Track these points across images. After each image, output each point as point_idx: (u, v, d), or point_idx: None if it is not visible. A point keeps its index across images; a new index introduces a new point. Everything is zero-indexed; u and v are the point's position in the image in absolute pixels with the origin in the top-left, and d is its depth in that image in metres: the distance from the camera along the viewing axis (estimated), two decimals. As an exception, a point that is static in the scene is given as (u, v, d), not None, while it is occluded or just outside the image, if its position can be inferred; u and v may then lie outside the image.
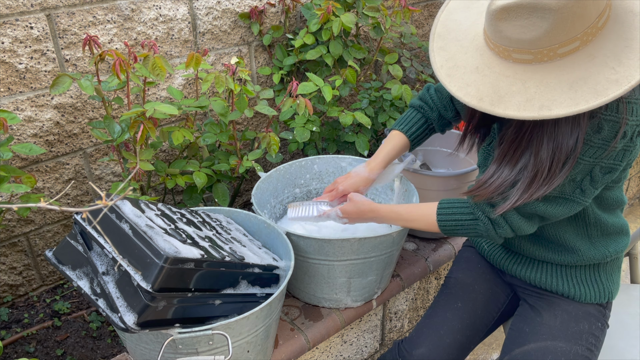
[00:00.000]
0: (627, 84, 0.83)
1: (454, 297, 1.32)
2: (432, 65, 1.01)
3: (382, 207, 1.26)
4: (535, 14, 0.83)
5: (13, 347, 1.44)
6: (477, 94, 0.93)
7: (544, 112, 0.86)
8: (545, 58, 0.88)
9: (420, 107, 1.35)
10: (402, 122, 1.37)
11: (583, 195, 1.03)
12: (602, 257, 1.17)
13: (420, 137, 1.38)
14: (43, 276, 1.67)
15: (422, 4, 2.32)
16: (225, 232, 1.27)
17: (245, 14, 1.78)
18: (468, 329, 1.27)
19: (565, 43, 0.86)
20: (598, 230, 1.16)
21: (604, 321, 1.20)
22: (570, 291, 1.20)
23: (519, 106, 0.88)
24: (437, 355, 1.24)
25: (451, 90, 0.96)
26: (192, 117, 1.54)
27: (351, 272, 1.37)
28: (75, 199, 1.65)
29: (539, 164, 0.98)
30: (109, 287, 0.98)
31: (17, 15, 1.37)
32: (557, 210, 1.05)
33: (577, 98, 0.84)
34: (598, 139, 0.95)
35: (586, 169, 1.00)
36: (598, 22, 0.86)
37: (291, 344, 1.38)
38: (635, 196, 2.89)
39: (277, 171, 1.59)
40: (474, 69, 0.95)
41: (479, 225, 1.11)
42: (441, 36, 1.03)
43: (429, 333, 1.27)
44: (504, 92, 0.90)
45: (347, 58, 1.81)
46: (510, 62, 0.91)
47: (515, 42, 0.87)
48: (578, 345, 1.14)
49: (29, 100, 1.46)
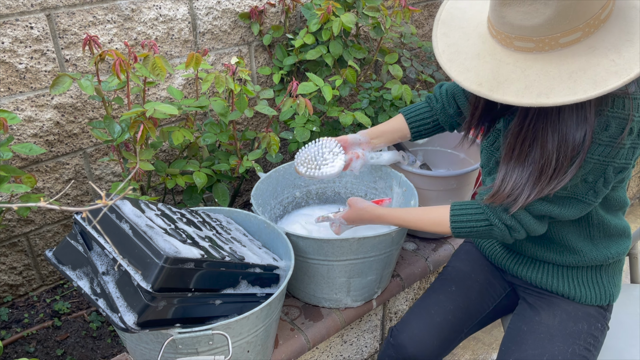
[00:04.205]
0: (626, 76, 0.83)
1: (449, 282, 1.33)
2: (434, 50, 1.02)
3: (387, 214, 1.25)
4: (539, 1, 0.84)
5: (13, 347, 1.44)
6: (476, 79, 0.93)
7: (541, 100, 0.86)
8: (547, 47, 0.88)
9: (429, 97, 1.38)
10: (409, 107, 1.40)
11: (595, 196, 1.04)
12: (604, 258, 1.17)
13: (421, 126, 1.38)
14: (43, 276, 1.67)
15: (422, 4, 2.32)
16: (225, 232, 1.27)
17: (245, 14, 1.78)
18: (460, 311, 1.27)
19: (567, 33, 0.86)
20: (600, 232, 1.16)
21: (604, 322, 1.20)
22: (571, 292, 1.20)
23: (517, 92, 0.88)
24: (426, 332, 1.24)
25: (451, 74, 0.97)
26: (192, 117, 1.54)
27: (351, 272, 1.37)
28: (75, 199, 1.65)
29: (545, 155, 0.98)
30: (109, 287, 0.98)
31: (17, 15, 1.37)
32: (569, 211, 1.05)
33: (576, 87, 0.85)
34: (605, 136, 0.95)
35: (598, 169, 0.99)
36: (601, 14, 0.86)
37: (291, 344, 1.38)
38: (635, 196, 2.89)
39: (277, 171, 1.59)
40: (475, 55, 0.96)
41: (494, 231, 1.11)
42: (445, 23, 1.04)
43: (419, 312, 1.28)
44: (504, 78, 0.90)
45: (347, 58, 1.81)
46: (511, 50, 0.91)
47: (518, 29, 0.88)
48: (576, 345, 1.13)
49: (29, 100, 1.46)
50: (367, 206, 1.28)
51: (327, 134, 1.87)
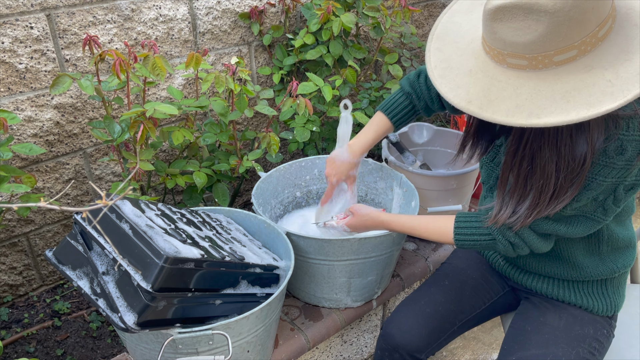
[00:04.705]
0: (622, 98, 0.79)
1: (443, 276, 1.33)
2: (426, 65, 0.99)
3: (390, 220, 1.24)
4: (531, 16, 0.80)
5: (13, 347, 1.44)
6: (466, 96, 0.90)
7: (532, 120, 0.82)
8: (540, 65, 0.85)
9: (409, 94, 1.34)
10: (389, 105, 1.35)
11: (605, 214, 1.02)
12: (610, 272, 1.15)
13: (404, 121, 1.37)
14: (43, 276, 1.67)
15: (422, 4, 2.33)
16: (225, 232, 1.27)
17: (245, 14, 1.78)
18: (452, 304, 1.26)
19: (562, 50, 0.82)
20: (609, 246, 1.14)
21: (609, 330, 1.19)
22: (578, 301, 1.19)
23: (507, 112, 0.85)
24: (414, 322, 1.23)
25: (441, 91, 0.94)
26: (192, 117, 1.54)
27: (351, 272, 1.37)
28: (75, 199, 1.65)
29: (543, 176, 0.95)
30: (109, 287, 0.98)
31: (17, 15, 1.37)
32: (577, 230, 1.03)
33: (569, 108, 0.81)
34: (622, 160, 0.92)
35: (609, 189, 0.98)
36: (598, 32, 0.82)
37: (291, 343, 1.38)
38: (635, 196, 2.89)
39: (277, 171, 1.59)
40: (467, 72, 0.93)
41: (497, 246, 1.10)
42: (440, 37, 1.01)
43: (409, 303, 1.28)
44: (494, 96, 0.87)
45: (347, 58, 1.81)
46: (504, 67, 0.88)
47: (510, 45, 0.85)
48: (580, 348, 1.12)
49: (29, 100, 1.46)
50: (370, 212, 1.26)
51: (327, 133, 1.87)
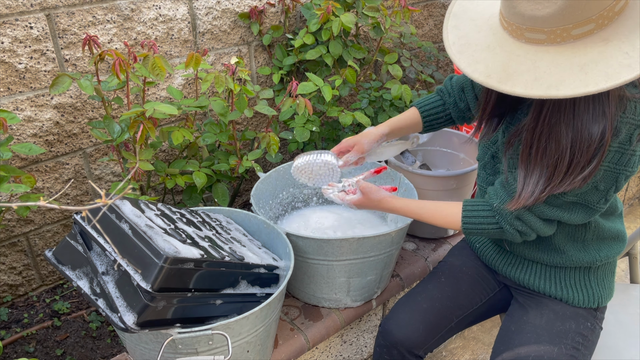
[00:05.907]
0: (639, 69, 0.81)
1: (439, 274, 1.35)
2: (444, 42, 1.00)
3: (402, 206, 1.23)
4: None
5: (13, 347, 1.44)
6: (485, 70, 0.92)
7: (551, 92, 0.84)
8: (559, 39, 0.86)
9: (441, 90, 1.37)
10: (422, 100, 1.38)
11: (605, 204, 1.04)
12: (592, 260, 1.17)
13: (434, 118, 1.36)
14: (43, 276, 1.67)
15: (422, 4, 2.33)
16: (225, 232, 1.27)
17: (245, 14, 1.78)
18: (448, 300, 1.28)
19: (580, 24, 0.84)
20: (594, 235, 1.16)
21: (594, 322, 1.19)
22: (558, 293, 1.20)
23: (526, 84, 0.87)
24: (411, 317, 1.25)
25: (460, 66, 0.95)
26: (191, 117, 1.54)
27: (350, 272, 1.37)
28: (75, 199, 1.65)
29: (559, 151, 0.96)
30: (109, 287, 0.98)
31: (17, 15, 1.37)
32: (577, 217, 1.05)
33: (587, 80, 0.83)
34: (616, 142, 0.94)
35: (610, 178, 0.99)
36: (615, 5, 0.84)
37: (291, 344, 1.38)
38: (635, 196, 2.89)
39: (277, 171, 1.59)
40: (486, 47, 0.94)
41: (504, 233, 1.12)
42: (457, 15, 1.02)
43: (407, 300, 1.29)
44: (513, 70, 0.89)
45: (347, 58, 1.81)
46: (522, 42, 0.90)
47: (529, 20, 0.86)
48: (563, 344, 1.13)
49: (29, 100, 1.46)
50: (383, 197, 1.24)
51: (327, 133, 1.87)
